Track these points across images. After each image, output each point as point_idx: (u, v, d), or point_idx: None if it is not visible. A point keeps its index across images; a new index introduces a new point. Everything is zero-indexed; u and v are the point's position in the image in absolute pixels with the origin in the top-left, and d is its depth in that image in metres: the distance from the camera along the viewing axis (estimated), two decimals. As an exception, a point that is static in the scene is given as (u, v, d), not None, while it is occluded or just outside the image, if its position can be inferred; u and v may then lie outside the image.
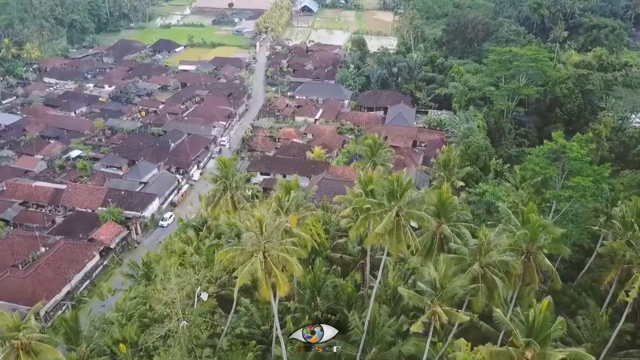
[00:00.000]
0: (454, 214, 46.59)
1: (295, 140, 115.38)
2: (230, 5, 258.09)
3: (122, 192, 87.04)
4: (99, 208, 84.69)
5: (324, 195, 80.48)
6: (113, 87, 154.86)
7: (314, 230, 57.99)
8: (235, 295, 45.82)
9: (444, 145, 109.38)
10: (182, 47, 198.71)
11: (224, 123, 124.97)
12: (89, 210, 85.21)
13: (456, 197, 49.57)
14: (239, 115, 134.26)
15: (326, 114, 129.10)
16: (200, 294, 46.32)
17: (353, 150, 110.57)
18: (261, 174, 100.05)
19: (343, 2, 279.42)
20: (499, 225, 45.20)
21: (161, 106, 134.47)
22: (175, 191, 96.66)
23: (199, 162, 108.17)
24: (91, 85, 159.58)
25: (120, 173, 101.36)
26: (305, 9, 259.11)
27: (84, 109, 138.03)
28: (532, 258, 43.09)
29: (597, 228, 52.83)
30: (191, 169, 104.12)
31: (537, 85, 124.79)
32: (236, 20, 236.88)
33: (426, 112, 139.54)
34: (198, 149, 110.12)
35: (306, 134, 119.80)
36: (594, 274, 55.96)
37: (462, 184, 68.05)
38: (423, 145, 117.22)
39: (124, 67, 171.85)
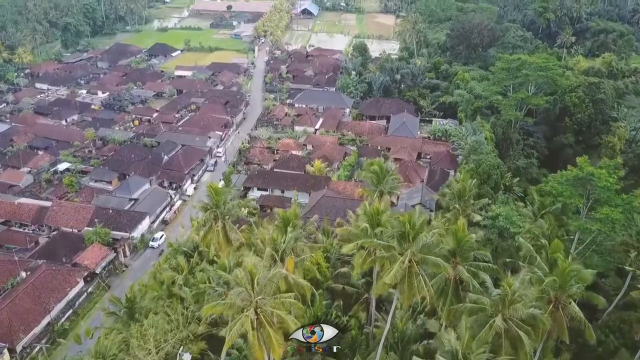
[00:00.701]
0: (470, 254, 41.52)
1: (294, 152, 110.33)
2: (229, 8, 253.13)
3: (110, 211, 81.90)
4: (85, 228, 79.58)
5: (325, 216, 75.45)
6: (107, 94, 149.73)
7: (313, 260, 53.07)
8: (222, 357, 40.53)
9: (453, 160, 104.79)
10: (179, 52, 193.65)
11: (220, 133, 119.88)
12: (75, 231, 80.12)
13: (473, 234, 44.33)
14: (236, 124, 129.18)
15: (326, 123, 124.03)
16: (183, 356, 41.19)
17: (354, 163, 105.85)
18: (258, 189, 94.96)
19: (344, 4, 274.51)
20: (522, 271, 39.99)
21: (155, 115, 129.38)
22: (168, 208, 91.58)
23: (193, 175, 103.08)
24: (84, 91, 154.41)
25: (110, 188, 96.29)
26: (306, 12, 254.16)
27: (75, 117, 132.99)
28: (561, 308, 38.00)
29: (628, 268, 47.59)
30: (185, 184, 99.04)
31: (546, 95, 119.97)
32: (234, 23, 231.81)
33: (430, 121, 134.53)
34: (192, 161, 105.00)
35: (306, 145, 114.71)
36: (621, 313, 50.82)
37: (479, 217, 62.16)
38: (428, 157, 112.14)
39: (119, 73, 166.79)
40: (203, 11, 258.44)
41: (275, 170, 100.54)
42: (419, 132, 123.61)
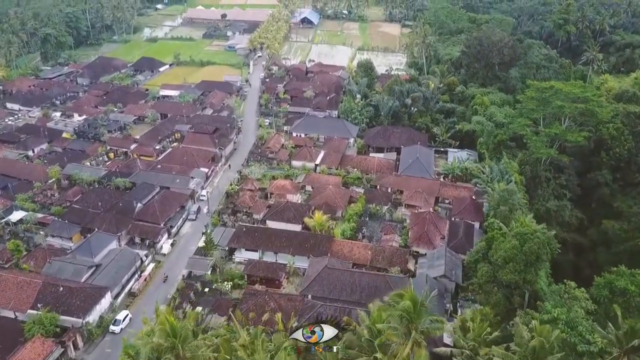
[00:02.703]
0: None
1: (290, 195, 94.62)
2: (224, 16, 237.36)
3: (61, 288, 65.89)
4: (29, 311, 63.67)
5: (328, 295, 59.78)
6: (83, 117, 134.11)
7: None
8: None
9: (478, 209, 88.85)
10: (167, 66, 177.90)
11: (206, 170, 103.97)
12: (15, 315, 64.26)
13: None
14: (225, 157, 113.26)
15: (328, 158, 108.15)
16: None
17: (361, 211, 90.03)
18: (247, 249, 79.04)
19: (346, 13, 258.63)
20: None
21: (133, 146, 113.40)
22: (137, 274, 75.62)
23: (171, 227, 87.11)
24: (58, 114, 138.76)
25: (70, 245, 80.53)
26: (305, 21, 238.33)
27: (44, 147, 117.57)
28: None
29: None
30: (160, 240, 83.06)
31: (580, 126, 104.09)
32: (229, 34, 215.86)
33: (445, 152, 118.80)
34: (171, 209, 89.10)
35: (304, 187, 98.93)
36: None
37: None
38: (447, 202, 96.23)
39: (99, 91, 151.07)
40: (196, 19, 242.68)
41: (267, 223, 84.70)
42: (434, 168, 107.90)
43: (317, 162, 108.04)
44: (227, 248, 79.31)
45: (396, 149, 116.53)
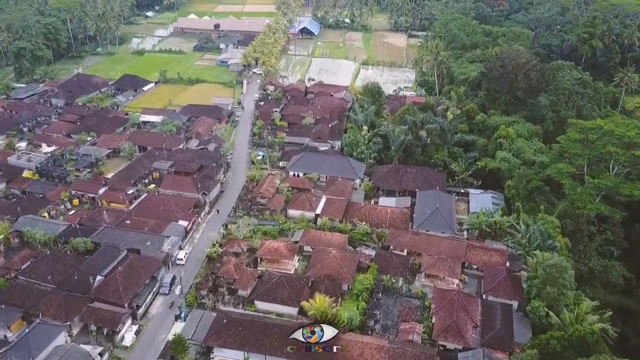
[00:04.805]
0: None
1: (285, 261, 78.05)
2: (217, 26, 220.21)
3: None
4: None
5: None
6: (52, 149, 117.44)
7: None
8: None
9: (516, 283, 72.07)
10: (152, 85, 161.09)
11: (185, 223, 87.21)
12: None
13: None
14: (209, 203, 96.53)
15: (331, 206, 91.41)
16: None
17: (372, 285, 73.40)
18: (228, 347, 62.24)
19: (348, 21, 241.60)
20: None
21: (102, 190, 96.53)
22: (87, 383, 58.99)
23: (137, 307, 70.34)
24: (24, 144, 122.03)
25: (9, 335, 63.97)
26: (305, 32, 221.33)
27: (0, 187, 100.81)
28: None
29: None
30: (120, 328, 66.23)
31: (629, 172, 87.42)
32: (222, 46, 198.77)
33: (466, 193, 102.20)
34: (138, 283, 72.35)
35: (302, 248, 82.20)
36: None
37: None
38: (474, 268, 79.50)
39: (73, 116, 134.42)
40: (187, 30, 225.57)
41: (256, 305, 68.03)
42: (456, 216, 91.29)
43: (318, 211, 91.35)
44: (202, 345, 62.54)
45: (410, 192, 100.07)
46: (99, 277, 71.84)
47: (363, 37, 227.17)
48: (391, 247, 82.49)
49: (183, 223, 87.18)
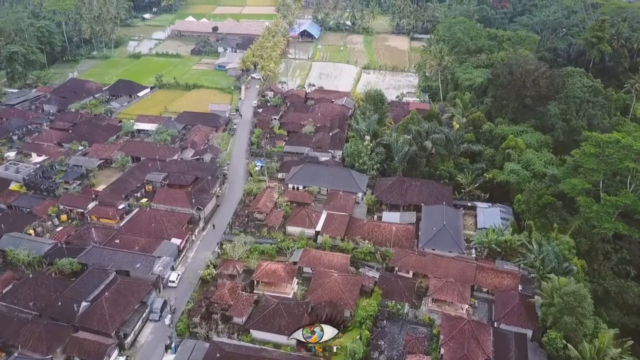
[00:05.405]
0: None
1: (284, 285, 73.42)
2: (215, 29, 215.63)
3: None
4: None
5: None
6: (42, 158, 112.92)
7: None
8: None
9: (530, 310, 67.36)
10: (148, 90, 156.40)
11: (178, 242, 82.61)
12: None
13: None
14: (204, 219, 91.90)
15: (332, 223, 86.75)
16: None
17: (376, 311, 68.76)
18: (222, 381, 57.78)
19: (349, 24, 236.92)
20: None
21: (91, 205, 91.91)
22: None
23: (125, 335, 65.69)
24: (13, 154, 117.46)
25: (-15, 369, 59.45)
26: (305, 34, 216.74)
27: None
28: None
29: None
30: (107, 360, 61.73)
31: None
32: (220, 49, 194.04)
33: (473, 207, 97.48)
34: (126, 309, 67.72)
35: (301, 269, 77.57)
36: None
37: None
38: (484, 290, 74.84)
39: (65, 123, 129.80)
40: (185, 32, 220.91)
41: (251, 334, 63.38)
42: (464, 232, 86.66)
43: (318, 228, 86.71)
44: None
45: (415, 206, 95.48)
46: (84, 303, 67.20)
47: (364, 40, 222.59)
48: (396, 269, 77.85)
49: (176, 241, 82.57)
